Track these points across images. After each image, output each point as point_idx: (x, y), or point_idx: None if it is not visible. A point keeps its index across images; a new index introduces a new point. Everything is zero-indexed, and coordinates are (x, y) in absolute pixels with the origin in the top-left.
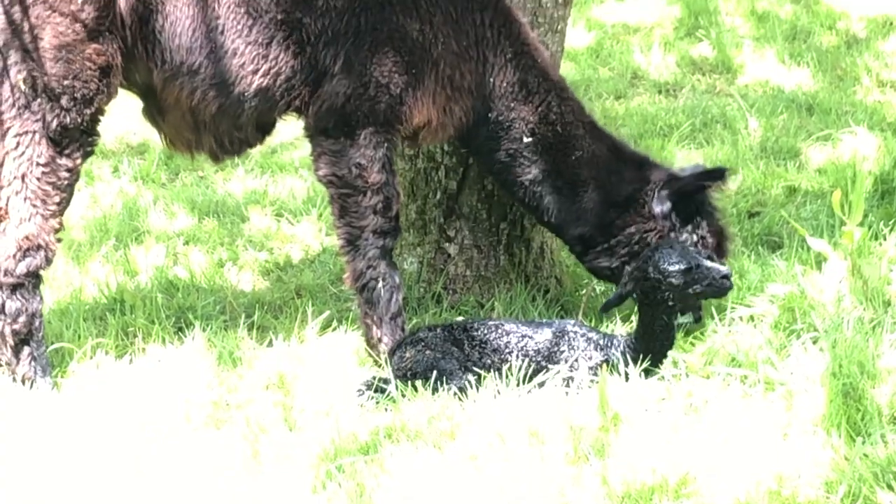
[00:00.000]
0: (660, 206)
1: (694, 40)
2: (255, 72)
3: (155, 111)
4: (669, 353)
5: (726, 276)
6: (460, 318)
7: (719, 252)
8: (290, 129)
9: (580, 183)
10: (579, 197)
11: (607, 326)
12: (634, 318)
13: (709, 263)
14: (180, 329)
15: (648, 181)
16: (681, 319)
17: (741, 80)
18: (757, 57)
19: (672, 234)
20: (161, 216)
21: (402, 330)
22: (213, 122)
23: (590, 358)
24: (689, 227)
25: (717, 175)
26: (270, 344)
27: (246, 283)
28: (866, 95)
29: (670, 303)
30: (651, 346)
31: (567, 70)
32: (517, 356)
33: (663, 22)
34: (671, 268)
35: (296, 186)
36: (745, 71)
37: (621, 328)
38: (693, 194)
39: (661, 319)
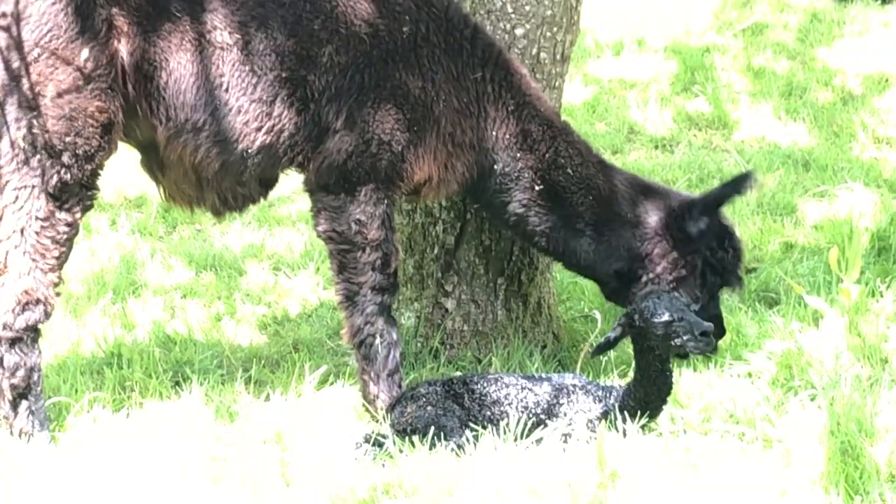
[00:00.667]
0: (696, 227)
1: (690, 95)
2: (258, 129)
3: (155, 166)
4: (667, 406)
5: (705, 333)
6: (459, 374)
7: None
8: (288, 183)
9: (603, 221)
10: (606, 235)
11: (607, 378)
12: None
13: (692, 318)
14: (177, 383)
15: (674, 207)
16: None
17: (737, 136)
18: (753, 113)
19: (710, 253)
20: (159, 269)
21: (400, 386)
22: (216, 179)
23: (588, 411)
24: (724, 243)
25: (743, 181)
26: (268, 398)
27: (243, 338)
28: (862, 152)
29: (657, 351)
30: (648, 394)
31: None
32: (516, 409)
33: (660, 77)
34: (654, 318)
35: (293, 240)
36: (741, 126)
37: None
38: (725, 204)
39: (655, 366)
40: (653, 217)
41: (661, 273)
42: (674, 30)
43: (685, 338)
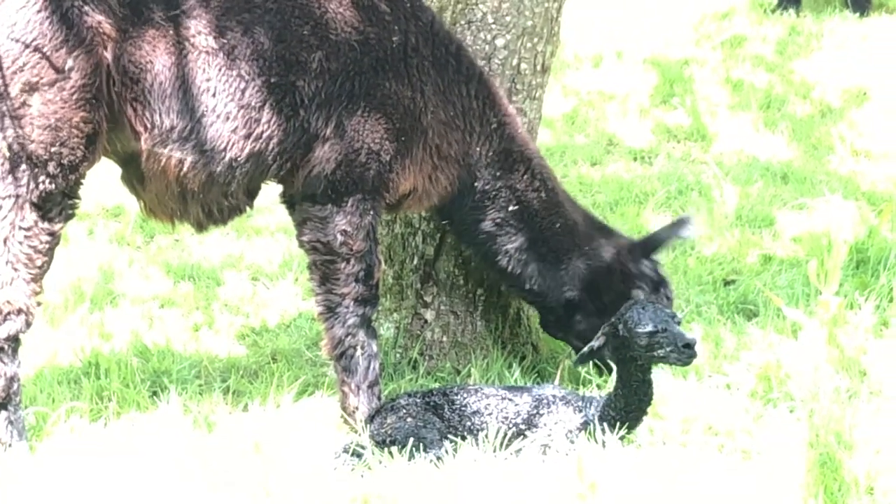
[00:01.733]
0: (639, 267)
1: (669, 108)
2: (247, 136)
3: (135, 179)
4: (646, 418)
5: (688, 345)
6: (438, 386)
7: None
8: (266, 194)
9: (565, 249)
10: (564, 263)
11: (587, 389)
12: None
13: (676, 329)
14: (155, 393)
15: (623, 246)
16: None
17: (716, 148)
18: (732, 125)
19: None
20: (136, 279)
21: (379, 398)
22: (202, 191)
23: (569, 421)
24: (658, 288)
25: (680, 226)
26: (246, 409)
27: (221, 348)
28: (840, 164)
29: (639, 361)
30: (629, 403)
31: (543, 136)
32: (496, 419)
33: (639, 89)
34: (638, 329)
35: (272, 250)
36: (719, 139)
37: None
38: (664, 247)
39: (636, 375)
40: (606, 253)
41: (608, 306)
42: (653, 42)
43: (668, 349)
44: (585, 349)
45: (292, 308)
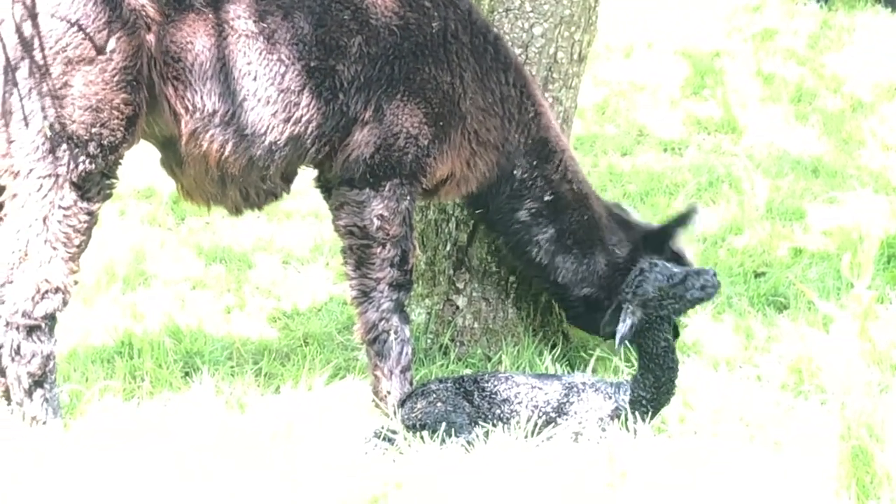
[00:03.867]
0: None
1: (700, 99)
2: (287, 119)
3: (174, 163)
4: (676, 408)
5: (714, 274)
6: (469, 372)
7: None
8: (297, 178)
9: (588, 243)
10: (587, 258)
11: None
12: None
13: (696, 268)
14: (187, 374)
15: (638, 243)
16: None
17: (746, 141)
18: (762, 118)
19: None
20: (168, 261)
21: (411, 383)
22: (240, 175)
23: (599, 409)
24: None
25: (687, 217)
26: (278, 391)
27: (253, 330)
28: (871, 159)
29: (672, 317)
30: (658, 377)
31: (574, 126)
32: (527, 407)
33: (669, 80)
34: (671, 282)
35: (302, 234)
36: (750, 131)
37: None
38: (673, 239)
39: (664, 340)
40: (624, 250)
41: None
42: (684, 34)
43: (699, 288)
44: (624, 329)
45: (323, 292)
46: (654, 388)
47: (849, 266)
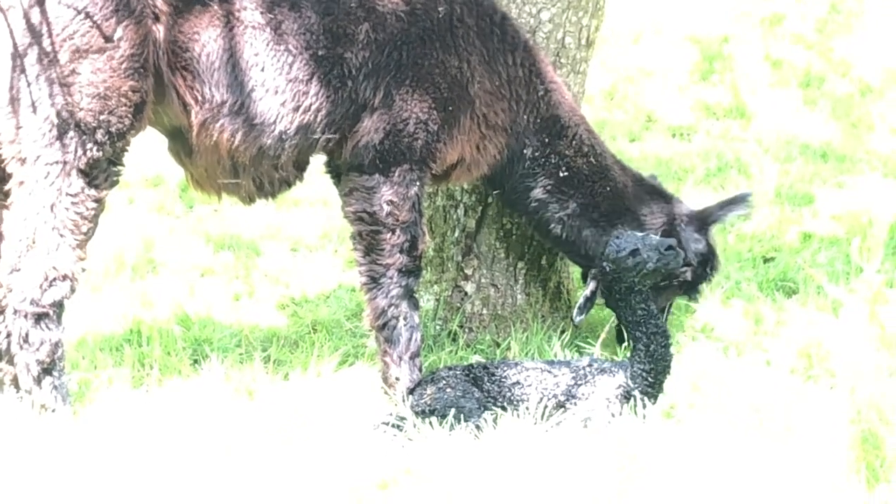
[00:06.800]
0: (697, 243)
1: (709, 85)
2: (296, 108)
3: (183, 153)
4: (685, 392)
5: (670, 247)
6: (478, 359)
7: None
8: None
9: (616, 214)
10: (616, 229)
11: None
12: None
13: (653, 240)
14: (196, 361)
15: (675, 215)
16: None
17: (755, 126)
18: (771, 103)
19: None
20: (177, 249)
21: (420, 370)
22: (253, 164)
23: (606, 389)
24: (707, 264)
25: (740, 201)
26: (286, 377)
27: (262, 318)
28: (880, 143)
29: (636, 288)
30: (648, 344)
31: (582, 112)
32: (536, 391)
33: (678, 66)
34: (620, 255)
35: (311, 222)
36: (759, 116)
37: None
38: (723, 219)
39: (640, 309)
40: (657, 220)
41: None
42: (692, 19)
43: (655, 260)
44: (581, 301)
45: (332, 279)
46: (647, 358)
47: (858, 250)
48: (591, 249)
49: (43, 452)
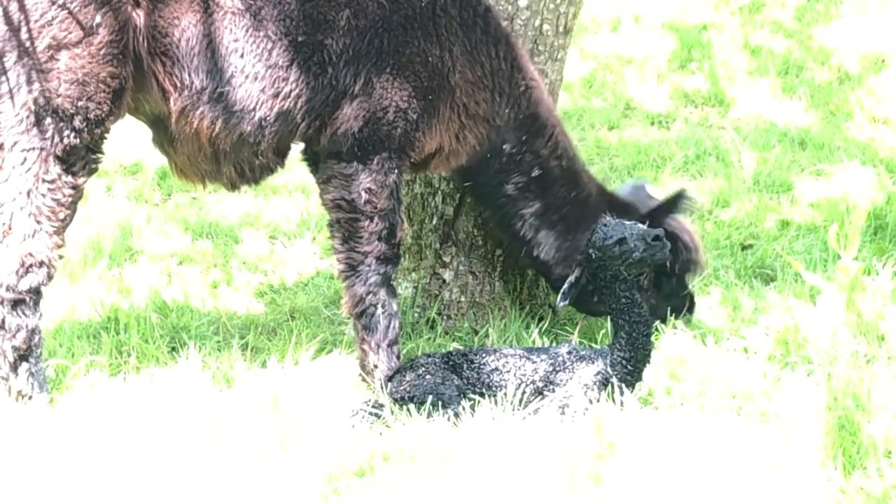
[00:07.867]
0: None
1: (687, 73)
2: (275, 95)
3: (165, 142)
4: (663, 380)
5: (657, 238)
6: (457, 346)
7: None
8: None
9: (574, 221)
10: (571, 235)
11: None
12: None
13: (639, 229)
14: (174, 349)
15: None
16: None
17: (734, 113)
18: (750, 90)
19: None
20: (154, 236)
21: (398, 357)
22: (233, 151)
23: (585, 376)
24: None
25: (679, 200)
26: (264, 365)
27: (240, 305)
28: (859, 131)
29: (622, 276)
30: (630, 332)
31: (561, 100)
32: (515, 377)
33: (657, 54)
34: (606, 243)
35: (289, 209)
36: (737, 104)
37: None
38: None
39: (625, 297)
40: None
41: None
42: (671, 7)
43: (641, 250)
44: (565, 286)
45: (310, 266)
46: (628, 346)
47: (836, 238)
48: (542, 251)
49: (19, 440)
